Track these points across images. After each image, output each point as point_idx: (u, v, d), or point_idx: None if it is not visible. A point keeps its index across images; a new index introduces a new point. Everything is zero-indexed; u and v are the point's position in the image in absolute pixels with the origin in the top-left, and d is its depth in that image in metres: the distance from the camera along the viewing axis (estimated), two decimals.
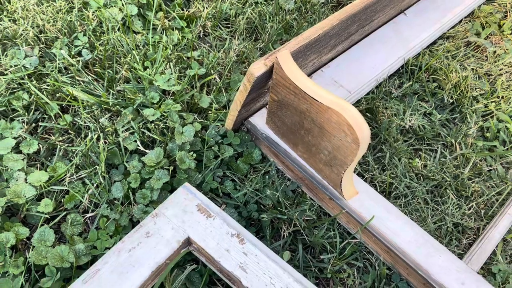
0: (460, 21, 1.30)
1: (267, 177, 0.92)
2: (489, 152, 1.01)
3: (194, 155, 0.86)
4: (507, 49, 1.25)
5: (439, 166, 0.98)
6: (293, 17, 1.20)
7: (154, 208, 0.81)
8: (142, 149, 0.90)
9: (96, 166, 0.86)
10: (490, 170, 1.00)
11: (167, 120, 0.93)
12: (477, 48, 1.25)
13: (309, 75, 1.04)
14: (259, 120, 0.94)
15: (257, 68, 0.78)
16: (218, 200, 0.88)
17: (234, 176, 0.92)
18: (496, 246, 0.86)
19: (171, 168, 0.85)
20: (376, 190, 0.93)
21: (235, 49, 1.11)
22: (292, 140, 0.89)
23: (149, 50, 1.08)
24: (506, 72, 1.20)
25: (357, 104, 1.05)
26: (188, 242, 0.78)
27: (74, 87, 0.96)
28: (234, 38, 1.15)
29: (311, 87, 0.77)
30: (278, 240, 0.86)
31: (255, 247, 0.78)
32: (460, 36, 1.26)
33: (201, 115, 0.98)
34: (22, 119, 0.92)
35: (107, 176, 0.86)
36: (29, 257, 0.74)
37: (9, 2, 1.12)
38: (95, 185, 0.85)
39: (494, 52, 1.24)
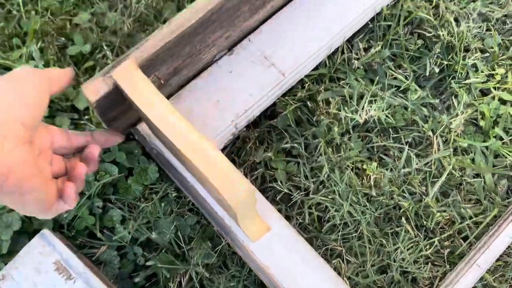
0: None
1: (164, 203, 0.71)
2: (470, 163, 0.73)
3: None
4: None
5: (400, 178, 0.72)
6: None
7: (6, 264, 0.65)
8: None
9: None
10: (475, 179, 0.73)
11: None
12: None
13: (231, 48, 0.75)
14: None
15: (93, 91, 0.53)
16: (96, 242, 0.69)
17: (122, 203, 0.72)
18: None
19: None
20: (305, 218, 0.70)
21: (138, 5, 0.81)
22: (181, 162, 0.65)
23: (23, 17, 0.81)
24: None
25: (296, 88, 0.77)
26: None
27: None
28: None
29: (166, 119, 0.51)
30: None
31: None
32: None
33: (81, 118, 0.75)
34: None
35: None
36: None
37: None
38: None
39: None
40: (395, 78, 0.79)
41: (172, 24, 0.58)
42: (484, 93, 0.79)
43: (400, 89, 0.79)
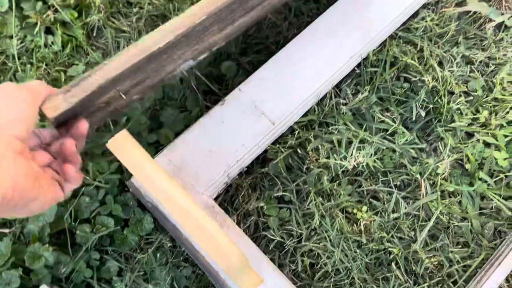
0: None
1: (159, 253, 0.73)
2: (457, 209, 0.75)
3: (50, 248, 0.67)
4: None
5: (390, 223, 0.74)
6: None
7: None
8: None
9: None
10: (462, 223, 0.75)
11: None
12: (478, 18, 0.89)
13: (195, 58, 0.75)
14: None
15: (53, 109, 0.50)
16: None
17: (119, 253, 0.73)
18: None
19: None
20: (299, 265, 0.72)
21: None
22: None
23: (18, 70, 0.83)
24: None
25: (286, 135, 0.79)
26: None
27: None
28: (134, 35, 0.86)
29: (162, 189, 0.53)
30: None
31: None
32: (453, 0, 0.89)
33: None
34: None
35: None
36: None
37: None
38: None
39: (499, 26, 0.88)
40: (383, 121, 0.81)
41: (140, 46, 0.57)
42: (470, 134, 0.81)
43: (388, 132, 0.81)
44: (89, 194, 0.73)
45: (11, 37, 0.87)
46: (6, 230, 0.72)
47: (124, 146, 0.54)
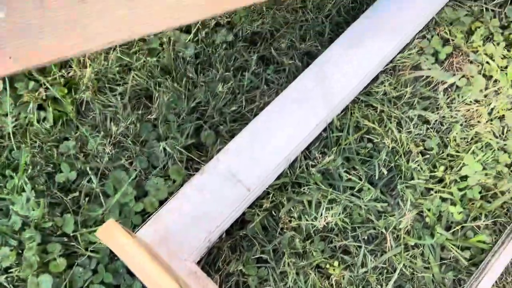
0: (415, 37, 1.02)
1: None
2: (419, 262, 0.82)
3: None
4: (471, 77, 0.98)
5: (359, 277, 0.81)
6: (191, 70, 0.96)
7: None
8: None
9: None
10: (424, 274, 0.82)
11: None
12: (432, 81, 0.98)
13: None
14: None
15: None
16: None
17: None
18: None
19: None
20: None
21: (118, 130, 0.91)
22: None
23: (14, 148, 0.90)
24: (463, 117, 0.94)
25: (262, 198, 0.86)
26: None
27: None
28: (120, 109, 0.94)
29: (152, 278, 0.61)
30: None
31: None
32: (409, 64, 0.99)
33: (71, 240, 0.83)
34: None
35: None
36: None
37: None
38: None
39: (451, 86, 0.97)
40: (350, 180, 0.89)
41: None
42: (429, 189, 0.89)
43: (355, 189, 0.88)
44: (82, 265, 0.80)
45: (6, 115, 0.95)
46: None
47: (112, 234, 0.61)
